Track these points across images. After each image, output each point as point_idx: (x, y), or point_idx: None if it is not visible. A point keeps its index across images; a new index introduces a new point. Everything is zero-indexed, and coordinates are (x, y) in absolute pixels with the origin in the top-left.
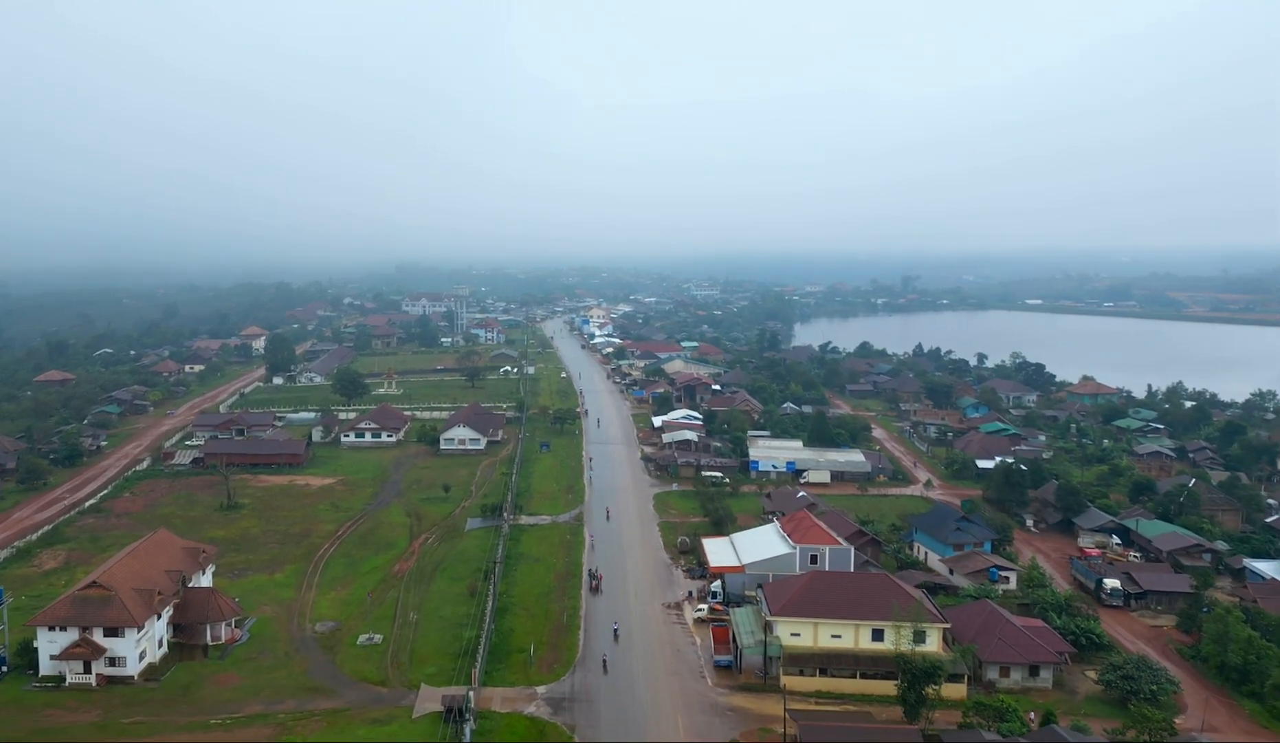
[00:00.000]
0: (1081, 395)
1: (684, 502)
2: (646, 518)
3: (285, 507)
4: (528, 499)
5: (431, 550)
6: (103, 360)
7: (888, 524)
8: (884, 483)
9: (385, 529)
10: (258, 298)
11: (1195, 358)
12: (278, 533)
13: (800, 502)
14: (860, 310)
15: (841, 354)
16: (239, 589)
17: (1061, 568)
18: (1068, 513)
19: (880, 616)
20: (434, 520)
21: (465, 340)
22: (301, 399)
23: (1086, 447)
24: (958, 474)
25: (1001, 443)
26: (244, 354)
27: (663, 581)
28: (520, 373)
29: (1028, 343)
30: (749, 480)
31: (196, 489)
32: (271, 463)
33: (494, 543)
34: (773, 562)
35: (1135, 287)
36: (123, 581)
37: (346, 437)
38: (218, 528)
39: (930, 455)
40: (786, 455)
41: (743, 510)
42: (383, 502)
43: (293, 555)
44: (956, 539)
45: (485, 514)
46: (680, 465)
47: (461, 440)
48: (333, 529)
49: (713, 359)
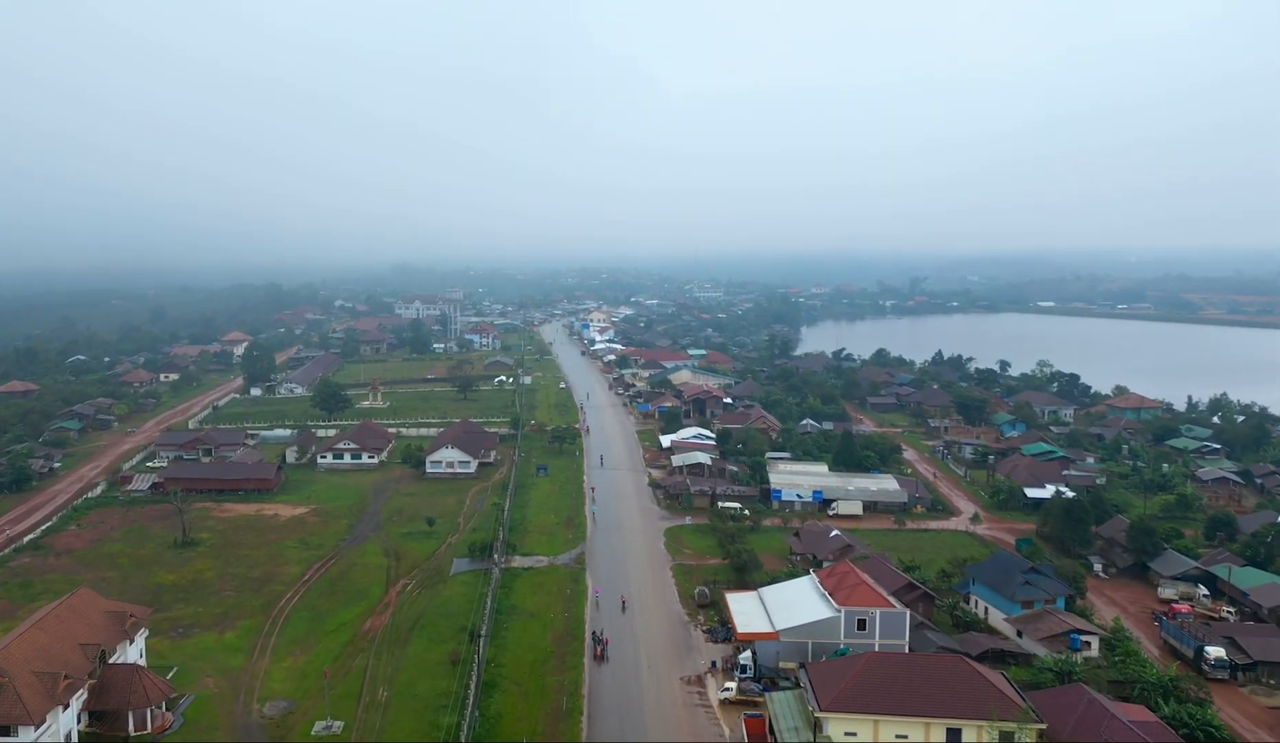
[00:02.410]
0: (1123, 410)
1: (699, 539)
2: (657, 560)
3: (248, 543)
4: (522, 535)
5: (410, 601)
6: (74, 368)
7: (936, 570)
8: (921, 514)
9: (359, 573)
10: (248, 300)
11: (1225, 364)
12: (235, 578)
13: (834, 542)
14: (868, 313)
15: (857, 362)
16: (180, 654)
17: (1143, 626)
18: (1141, 556)
19: (957, 710)
20: (415, 561)
21: (459, 347)
22: (279, 413)
23: (1142, 471)
24: (1004, 505)
25: (1051, 468)
26: (224, 361)
27: (679, 645)
28: (516, 383)
29: (1048, 348)
30: (770, 511)
31: (151, 520)
32: (239, 489)
33: (482, 592)
34: (813, 627)
35: (1148, 288)
36: (21, 662)
37: (323, 458)
38: (168, 570)
39: (970, 481)
40: (811, 482)
41: (766, 549)
42: (359, 537)
43: (249, 607)
44: (1025, 595)
45: (473, 554)
46: (693, 495)
47: (450, 463)
48: (299, 573)
49: (721, 368)
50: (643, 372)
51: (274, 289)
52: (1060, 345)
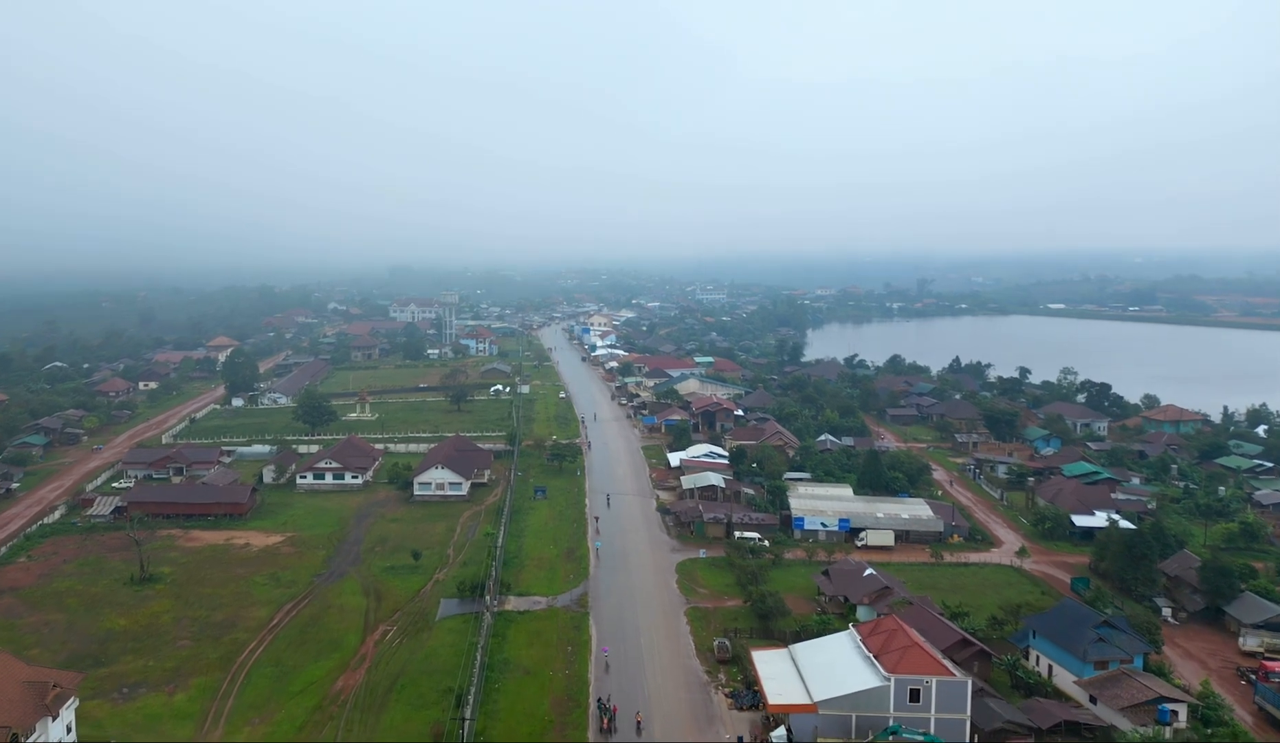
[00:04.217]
0: (1160, 422)
1: (715, 575)
2: (670, 602)
3: (213, 579)
4: (518, 569)
5: (390, 652)
6: (50, 376)
7: (985, 616)
8: (959, 545)
9: (333, 617)
10: (239, 303)
11: (1250, 370)
12: (194, 623)
13: (870, 583)
14: (874, 315)
15: (871, 369)
16: (121, 721)
17: (1228, 686)
18: (1216, 599)
19: None
20: (397, 602)
21: (454, 353)
22: (260, 427)
23: (1195, 494)
24: (1049, 534)
25: (1099, 493)
26: (207, 368)
27: (699, 712)
28: (513, 392)
29: (1064, 352)
30: (792, 542)
31: (111, 551)
32: (208, 513)
33: (472, 641)
34: (857, 699)
35: (1159, 290)
36: None
37: (303, 477)
38: (120, 613)
39: (1007, 505)
40: (836, 508)
41: (790, 588)
42: (336, 572)
43: (206, 661)
44: (1099, 654)
45: (463, 594)
46: (707, 523)
47: (440, 485)
48: (266, 617)
49: (730, 377)
50: (647, 381)
51: (266, 292)
52: (1076, 349)
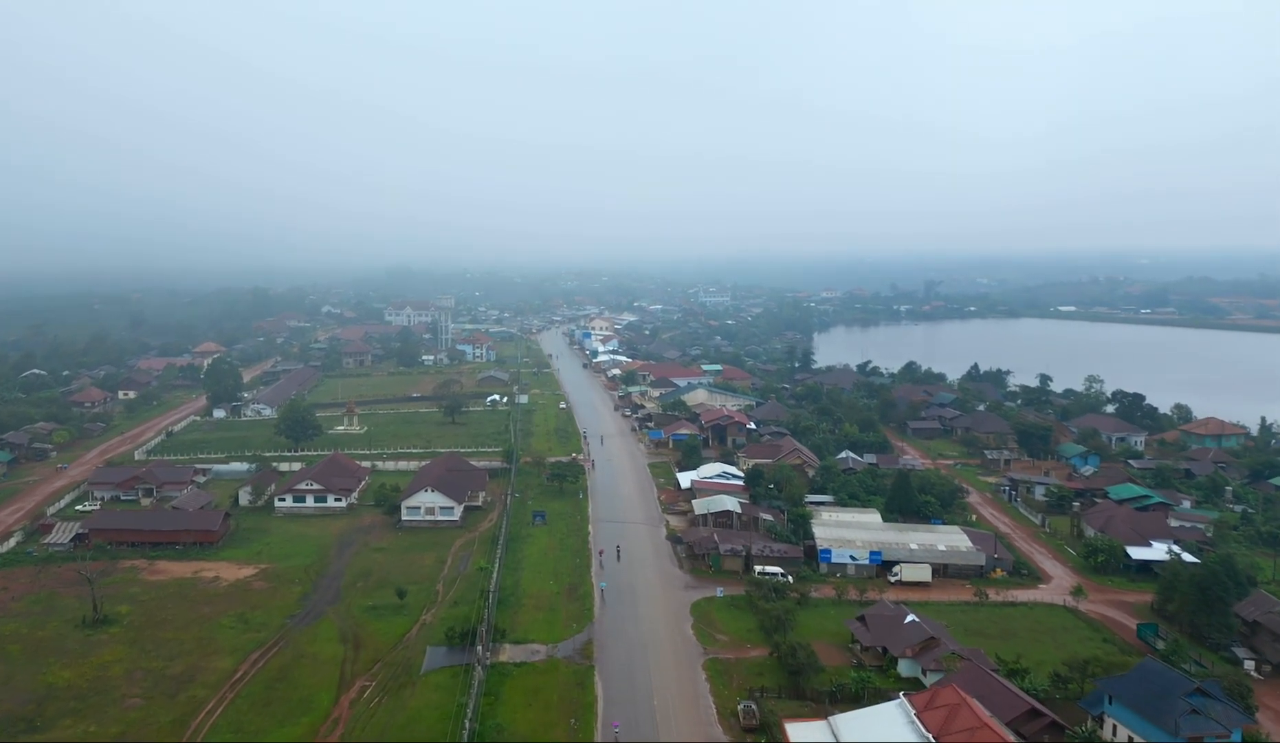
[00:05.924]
0: (1201, 437)
1: (734, 618)
2: (685, 652)
3: (175, 621)
4: (514, 609)
5: (368, 714)
6: (26, 385)
7: (1047, 672)
8: (1003, 580)
9: (305, 669)
10: (232, 305)
11: (1276, 375)
12: (149, 675)
13: (913, 633)
14: (882, 318)
15: (886, 376)
16: None
17: None
18: None
19: None
20: (378, 651)
21: (450, 359)
22: (241, 442)
23: (1254, 519)
24: (1102, 568)
25: (1154, 520)
26: (191, 376)
27: None
28: (511, 403)
29: (1082, 357)
30: (818, 578)
31: (67, 585)
32: (177, 541)
33: (461, 702)
34: None
35: (1171, 292)
36: None
37: (282, 500)
38: (66, 663)
39: (1049, 533)
40: (865, 538)
41: (819, 634)
42: (312, 613)
43: (156, 725)
44: (1193, 729)
45: (452, 641)
46: (723, 556)
47: (429, 509)
48: (230, 668)
49: (740, 386)
50: (652, 391)
51: (260, 294)
52: (1094, 354)
